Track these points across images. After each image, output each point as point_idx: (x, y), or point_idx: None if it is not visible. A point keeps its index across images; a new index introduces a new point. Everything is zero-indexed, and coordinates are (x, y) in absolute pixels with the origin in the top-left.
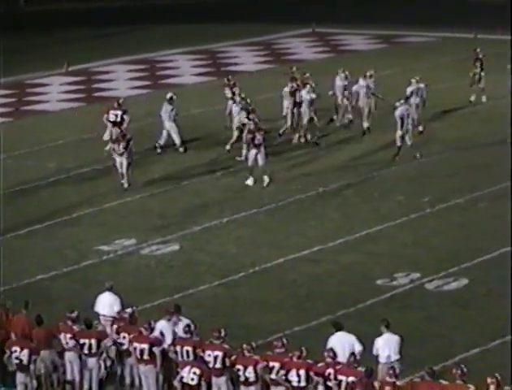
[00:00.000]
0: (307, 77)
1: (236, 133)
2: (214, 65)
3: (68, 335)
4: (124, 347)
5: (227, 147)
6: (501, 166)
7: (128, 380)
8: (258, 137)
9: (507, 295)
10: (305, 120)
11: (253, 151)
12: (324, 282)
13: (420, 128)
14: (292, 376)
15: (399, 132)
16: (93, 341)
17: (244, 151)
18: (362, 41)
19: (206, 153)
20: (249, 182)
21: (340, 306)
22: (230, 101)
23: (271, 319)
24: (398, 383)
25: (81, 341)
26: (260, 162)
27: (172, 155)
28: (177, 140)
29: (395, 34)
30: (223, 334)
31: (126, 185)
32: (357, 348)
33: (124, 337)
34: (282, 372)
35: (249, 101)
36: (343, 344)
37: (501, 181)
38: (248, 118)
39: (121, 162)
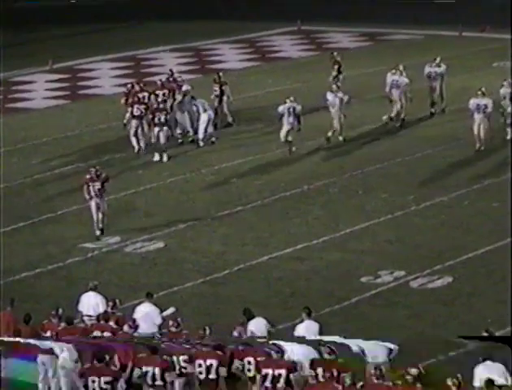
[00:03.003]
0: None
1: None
2: (199, 62)
3: (53, 333)
4: None
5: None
6: (486, 163)
7: None
8: (160, 116)
9: (491, 293)
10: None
11: (156, 129)
12: (309, 279)
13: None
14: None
15: (286, 127)
16: None
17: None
18: (347, 38)
19: (190, 150)
20: (156, 158)
21: (324, 304)
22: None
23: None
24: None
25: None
26: (161, 140)
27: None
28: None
29: (380, 32)
30: (207, 332)
31: (98, 233)
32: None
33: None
34: None
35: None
36: (260, 328)
37: (485, 179)
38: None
39: (97, 203)
